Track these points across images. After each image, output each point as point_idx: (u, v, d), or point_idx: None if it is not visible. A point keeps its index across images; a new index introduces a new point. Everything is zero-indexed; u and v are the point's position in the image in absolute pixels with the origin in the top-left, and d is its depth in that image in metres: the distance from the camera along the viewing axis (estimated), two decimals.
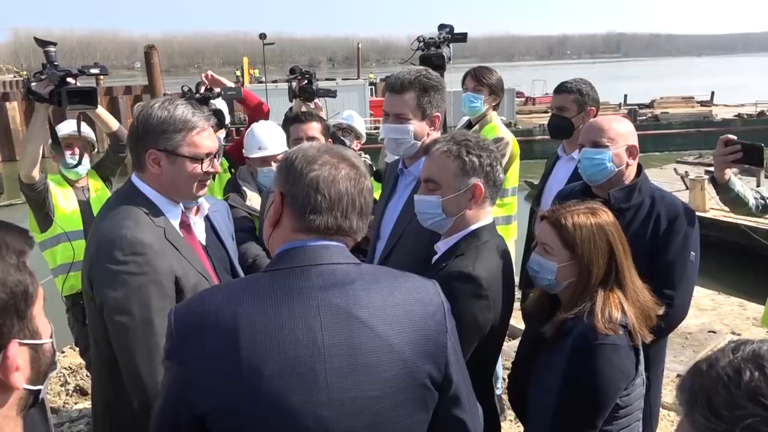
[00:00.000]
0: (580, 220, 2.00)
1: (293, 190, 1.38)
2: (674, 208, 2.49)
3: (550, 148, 18.15)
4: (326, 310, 1.30)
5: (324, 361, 1.28)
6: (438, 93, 2.41)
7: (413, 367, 1.34)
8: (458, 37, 3.75)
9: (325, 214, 1.36)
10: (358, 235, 1.44)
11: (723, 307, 5.92)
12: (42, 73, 2.93)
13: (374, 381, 1.30)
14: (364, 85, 25.09)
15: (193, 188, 2.03)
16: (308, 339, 1.28)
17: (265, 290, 1.32)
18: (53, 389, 4.78)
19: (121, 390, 1.90)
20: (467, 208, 2.00)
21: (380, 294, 1.36)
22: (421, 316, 1.39)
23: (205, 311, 1.31)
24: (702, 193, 11.65)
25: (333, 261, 1.36)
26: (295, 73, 4.14)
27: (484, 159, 1.97)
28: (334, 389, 1.28)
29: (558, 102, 3.56)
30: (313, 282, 1.33)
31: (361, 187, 1.41)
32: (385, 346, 1.32)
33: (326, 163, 1.38)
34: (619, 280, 2.01)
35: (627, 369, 1.94)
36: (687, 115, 26.15)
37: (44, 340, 1.01)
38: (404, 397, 1.34)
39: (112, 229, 1.88)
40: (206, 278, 2.05)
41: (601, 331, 1.89)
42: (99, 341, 1.95)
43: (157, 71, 23.79)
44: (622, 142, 2.50)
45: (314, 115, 3.25)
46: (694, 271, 2.50)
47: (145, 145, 1.96)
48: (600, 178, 2.54)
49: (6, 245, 0.97)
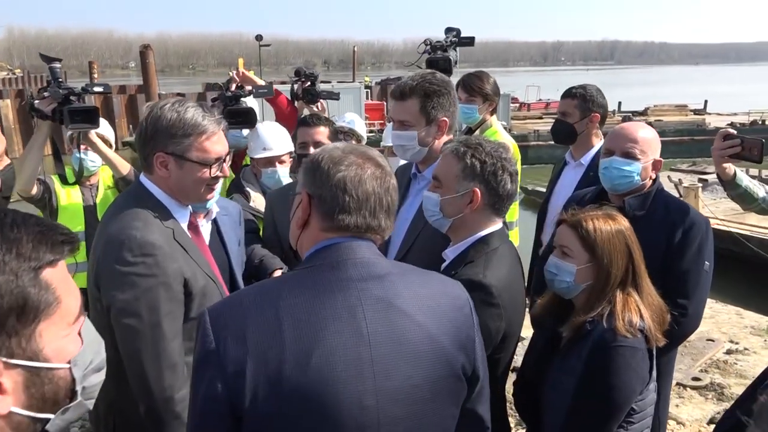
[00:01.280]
0: (599, 223, 2.02)
1: (321, 192, 1.39)
2: (689, 218, 2.47)
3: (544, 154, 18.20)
4: (367, 300, 1.32)
5: (370, 348, 1.29)
6: (443, 97, 2.38)
7: (450, 357, 1.37)
8: (465, 41, 3.72)
9: (354, 213, 1.37)
10: (386, 233, 1.46)
11: (720, 315, 5.93)
12: (45, 90, 2.92)
13: (416, 369, 1.32)
14: (359, 88, 25.04)
15: (201, 192, 2.00)
16: (353, 327, 1.29)
17: (305, 284, 1.33)
18: None
19: (126, 393, 1.87)
20: (464, 212, 1.97)
21: (413, 286, 1.39)
22: (451, 308, 1.42)
23: (244, 310, 1.30)
24: (696, 201, 11.69)
25: (365, 256, 1.38)
26: (299, 75, 4.12)
27: (488, 166, 1.94)
28: (380, 377, 1.29)
29: (562, 107, 3.55)
30: (350, 274, 1.34)
31: (387, 185, 1.43)
32: (425, 335, 1.34)
33: (352, 164, 1.39)
34: (636, 282, 2.02)
35: (643, 372, 1.94)
36: (680, 123, 26.29)
37: (49, 364, 0.89)
38: (442, 387, 1.36)
39: (121, 230, 1.84)
40: (214, 281, 2.02)
41: (621, 333, 1.89)
42: (105, 343, 1.91)
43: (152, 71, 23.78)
44: (651, 156, 2.50)
45: (322, 119, 3.20)
46: (707, 281, 2.48)
47: (154, 148, 1.92)
48: (623, 189, 2.54)
49: (19, 247, 0.86)
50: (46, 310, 0.88)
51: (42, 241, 0.90)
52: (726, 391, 4.42)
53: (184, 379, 1.87)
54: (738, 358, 4.96)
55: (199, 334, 1.30)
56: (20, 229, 0.90)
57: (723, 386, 4.48)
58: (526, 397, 2.20)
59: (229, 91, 3.54)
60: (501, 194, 1.97)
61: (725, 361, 4.91)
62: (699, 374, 4.66)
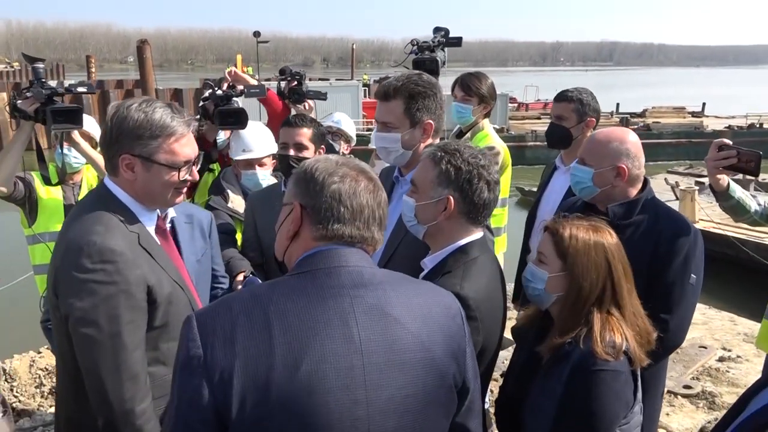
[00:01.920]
0: (578, 232, 1.93)
1: (314, 202, 1.39)
2: (677, 227, 2.36)
3: (542, 155, 18.12)
4: (360, 307, 1.30)
5: (362, 357, 1.27)
6: (428, 99, 2.29)
7: (442, 367, 1.36)
8: (453, 41, 3.64)
9: (348, 224, 1.38)
10: (377, 244, 1.45)
11: (714, 322, 5.86)
12: (28, 90, 2.89)
13: (409, 379, 1.30)
14: (357, 86, 24.96)
15: (168, 196, 1.92)
16: (345, 335, 1.27)
17: (296, 289, 1.31)
18: (27, 391, 4.64)
19: (85, 406, 1.79)
20: (438, 219, 1.90)
21: (406, 295, 1.38)
22: (444, 317, 1.41)
23: (233, 315, 1.27)
24: (692, 204, 11.64)
25: (358, 263, 1.37)
26: (285, 73, 4.03)
27: (463, 173, 1.86)
28: (372, 387, 1.26)
29: (557, 110, 3.46)
30: (343, 281, 1.33)
31: (379, 199, 1.43)
32: (417, 344, 1.33)
33: (346, 176, 1.40)
34: (616, 301, 1.91)
35: (627, 396, 1.85)
36: (678, 125, 26.24)
37: None
38: (433, 398, 1.34)
39: (81, 235, 1.76)
40: (182, 287, 1.94)
41: (601, 356, 1.79)
42: (64, 353, 1.84)
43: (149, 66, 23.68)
44: (608, 163, 2.39)
45: (307, 120, 3.12)
46: (694, 295, 2.37)
47: (119, 150, 1.84)
48: (585, 195, 2.50)
49: None
50: None
51: None
52: (717, 400, 4.35)
53: (146, 390, 1.80)
54: (730, 366, 4.90)
55: (185, 339, 1.26)
56: None
57: (715, 395, 4.41)
58: (507, 415, 2.12)
59: (221, 91, 3.46)
60: (476, 203, 1.89)
61: (717, 369, 4.85)
62: (690, 382, 4.59)
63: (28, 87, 2.92)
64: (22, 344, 5.29)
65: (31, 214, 3.42)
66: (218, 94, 3.43)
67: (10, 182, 3.16)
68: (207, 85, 3.62)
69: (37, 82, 2.90)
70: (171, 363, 1.88)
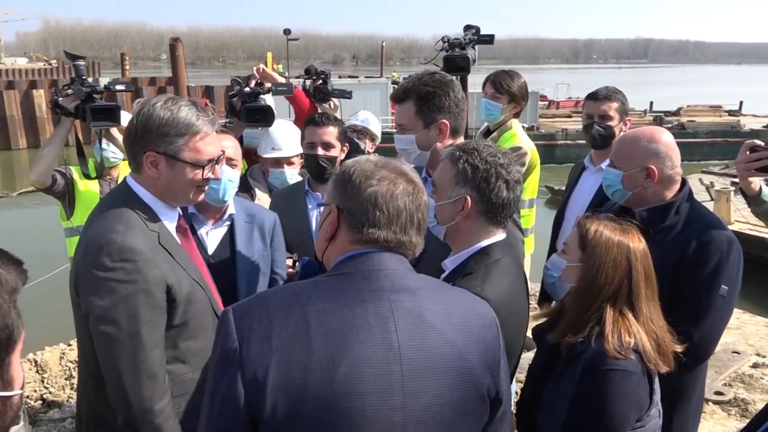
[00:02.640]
0: (604, 229, 1.92)
1: (351, 205, 1.37)
2: (707, 234, 2.22)
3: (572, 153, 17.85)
4: (400, 312, 1.28)
5: (400, 362, 1.24)
6: (440, 98, 2.24)
7: (478, 377, 1.33)
8: (484, 39, 3.59)
9: (384, 228, 1.35)
10: (417, 248, 1.43)
11: (748, 327, 5.70)
12: (69, 87, 2.98)
13: (446, 387, 1.28)
14: (386, 84, 24.92)
15: (191, 194, 1.93)
16: (384, 338, 1.25)
17: (335, 290, 1.30)
18: (57, 382, 4.73)
19: (107, 401, 1.80)
20: (456, 219, 1.87)
21: (444, 302, 1.36)
22: (480, 327, 1.39)
23: (271, 312, 1.26)
24: (727, 204, 11.38)
25: (397, 268, 1.36)
26: (310, 72, 4.02)
27: (480, 172, 1.83)
28: (409, 393, 1.24)
29: (602, 110, 3.32)
30: (382, 284, 1.31)
31: (419, 202, 1.40)
32: (455, 353, 1.30)
33: (384, 179, 1.37)
34: (631, 302, 1.88)
35: (639, 398, 1.80)
36: (714, 124, 25.63)
37: (15, 391, 0.88)
38: (468, 408, 1.32)
39: (101, 233, 1.77)
40: (202, 287, 1.94)
41: (611, 355, 1.77)
42: (85, 349, 1.86)
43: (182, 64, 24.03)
44: (636, 165, 2.29)
45: (332, 119, 3.10)
46: (724, 308, 2.22)
47: (144, 147, 1.84)
48: (617, 198, 2.41)
49: (0, 282, 0.84)
50: (18, 338, 0.86)
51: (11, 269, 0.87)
52: (750, 407, 4.23)
53: (165, 389, 1.80)
54: (765, 373, 4.76)
55: (222, 333, 1.26)
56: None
57: (747, 402, 4.29)
58: (525, 415, 2.09)
59: (248, 88, 3.47)
60: (494, 202, 1.84)
61: (751, 375, 4.71)
62: (722, 388, 4.47)
63: (69, 84, 3.00)
64: (53, 336, 5.39)
65: (69, 207, 3.51)
66: (246, 91, 3.44)
67: (48, 176, 3.25)
68: (235, 82, 3.62)
69: (78, 80, 2.98)
70: (190, 361, 1.90)
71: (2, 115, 25.18)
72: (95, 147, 3.45)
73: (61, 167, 3.36)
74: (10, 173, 20.54)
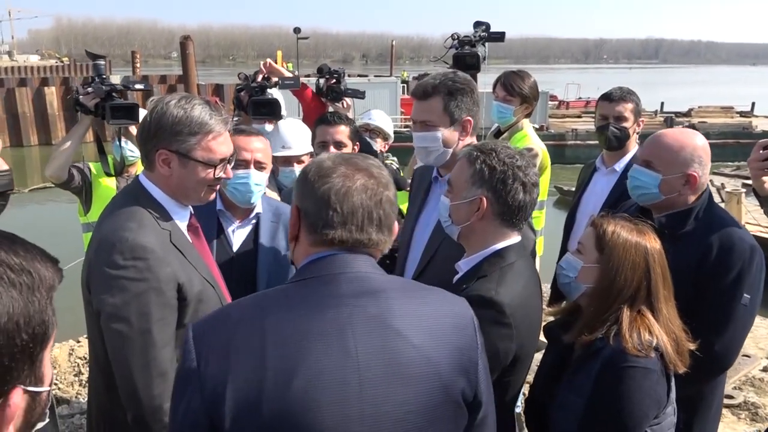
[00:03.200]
0: (621, 230, 1.89)
1: (306, 205, 1.34)
2: (730, 240, 2.16)
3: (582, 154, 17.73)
4: (359, 318, 1.24)
5: (358, 371, 1.20)
6: (467, 96, 2.26)
7: (448, 382, 1.27)
8: (495, 37, 3.55)
9: (338, 228, 1.31)
10: (381, 246, 1.38)
11: (758, 330, 5.66)
12: (89, 86, 3.06)
13: (410, 394, 1.23)
14: (396, 83, 24.91)
15: (202, 193, 1.94)
16: (341, 347, 1.21)
17: (294, 299, 1.27)
18: (66, 379, 4.76)
19: (117, 398, 1.80)
20: (471, 220, 1.86)
21: (412, 304, 1.30)
22: (453, 329, 1.32)
23: (229, 326, 1.24)
24: (738, 206, 11.26)
25: (361, 269, 1.31)
26: (322, 72, 4.02)
27: (497, 173, 1.81)
28: (368, 402, 1.20)
29: (617, 111, 3.28)
30: (343, 289, 1.27)
31: (378, 198, 1.34)
32: (421, 358, 1.25)
33: (341, 175, 1.32)
34: (650, 302, 1.86)
35: (658, 395, 1.79)
36: (725, 125, 25.47)
37: (45, 387, 0.88)
38: (439, 414, 1.26)
39: (113, 231, 1.77)
40: (213, 285, 1.95)
41: (631, 352, 1.75)
42: (96, 347, 1.86)
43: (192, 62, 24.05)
44: (678, 170, 2.23)
45: (343, 118, 3.10)
46: (746, 317, 2.18)
47: (156, 144, 1.85)
48: (644, 201, 2.35)
49: (40, 279, 0.84)
50: (51, 334, 0.87)
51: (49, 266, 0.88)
52: (761, 411, 4.20)
53: None
54: None
55: (182, 351, 1.24)
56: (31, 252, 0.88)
57: (758, 406, 4.26)
58: (534, 415, 2.08)
59: (255, 82, 3.48)
60: (511, 204, 1.83)
61: (761, 379, 4.67)
62: (732, 392, 4.44)
63: (90, 83, 3.08)
64: (62, 333, 5.42)
65: (86, 203, 3.56)
66: (253, 85, 3.46)
67: (65, 171, 3.30)
68: (242, 77, 3.65)
69: (98, 79, 3.06)
70: None
71: (14, 112, 25.35)
72: (114, 145, 3.52)
73: (79, 163, 3.43)
74: (22, 170, 20.69)
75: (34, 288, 0.83)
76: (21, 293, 0.81)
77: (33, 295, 0.82)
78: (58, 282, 0.89)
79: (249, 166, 2.42)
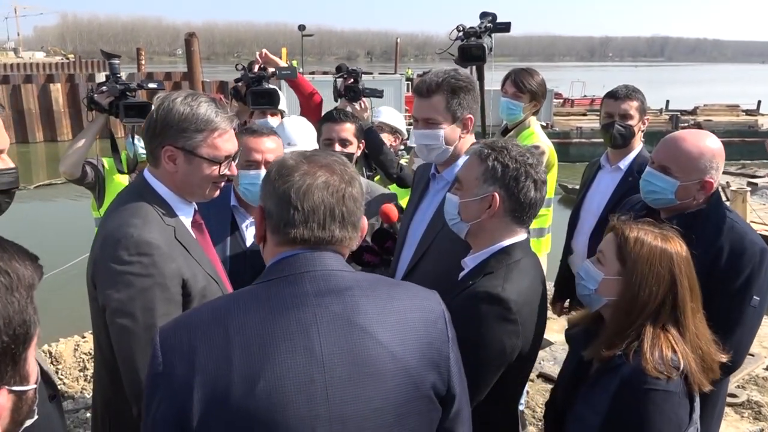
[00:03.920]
0: (645, 237, 1.80)
1: (269, 205, 1.34)
2: (741, 245, 2.16)
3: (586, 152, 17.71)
4: (324, 317, 1.24)
5: (323, 370, 1.21)
6: (468, 94, 2.27)
7: (417, 377, 1.28)
8: (501, 27, 3.49)
9: (300, 226, 1.31)
10: (347, 243, 1.37)
11: (763, 329, 5.60)
12: (104, 85, 3.13)
13: (377, 392, 1.23)
14: (400, 80, 24.83)
15: (207, 190, 1.95)
16: (306, 347, 1.21)
17: (258, 300, 1.27)
18: (71, 374, 4.79)
19: (122, 392, 1.82)
20: (482, 217, 1.85)
21: (379, 300, 1.30)
22: (423, 323, 1.33)
23: (193, 330, 1.24)
24: (743, 205, 11.22)
25: (326, 267, 1.31)
26: (341, 71, 3.99)
27: (510, 171, 1.81)
28: (335, 402, 1.20)
29: (623, 109, 3.26)
30: (306, 288, 1.27)
31: (341, 194, 1.33)
32: (387, 354, 1.25)
33: (302, 173, 1.32)
34: (676, 317, 1.78)
35: (680, 419, 1.71)
36: (731, 123, 25.33)
37: (30, 386, 0.89)
38: (408, 410, 1.27)
39: (119, 227, 1.79)
40: (216, 281, 1.96)
41: (651, 373, 1.67)
42: (101, 341, 1.88)
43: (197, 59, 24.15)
44: (696, 177, 2.22)
45: (349, 116, 3.11)
46: (755, 319, 2.18)
47: (162, 141, 1.87)
48: (658, 205, 2.34)
49: (18, 278, 0.85)
50: (34, 333, 0.87)
51: (28, 265, 0.88)
52: (764, 410, 4.20)
53: None
54: None
55: (151, 356, 1.25)
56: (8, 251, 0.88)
57: (761, 404, 4.26)
58: (553, 421, 2.04)
59: (252, 72, 3.51)
60: (522, 202, 1.83)
61: (765, 378, 4.67)
62: (736, 390, 4.44)
63: (104, 82, 3.15)
64: (67, 328, 5.47)
65: (99, 198, 3.60)
66: (250, 76, 3.48)
67: (78, 168, 3.34)
68: (239, 68, 3.68)
69: (113, 78, 3.13)
70: None
71: (20, 108, 25.39)
72: (127, 142, 3.55)
73: (92, 159, 3.47)
74: (28, 166, 20.76)
75: (13, 288, 0.83)
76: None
77: (12, 296, 0.82)
78: (38, 280, 0.89)
79: (260, 166, 2.47)
